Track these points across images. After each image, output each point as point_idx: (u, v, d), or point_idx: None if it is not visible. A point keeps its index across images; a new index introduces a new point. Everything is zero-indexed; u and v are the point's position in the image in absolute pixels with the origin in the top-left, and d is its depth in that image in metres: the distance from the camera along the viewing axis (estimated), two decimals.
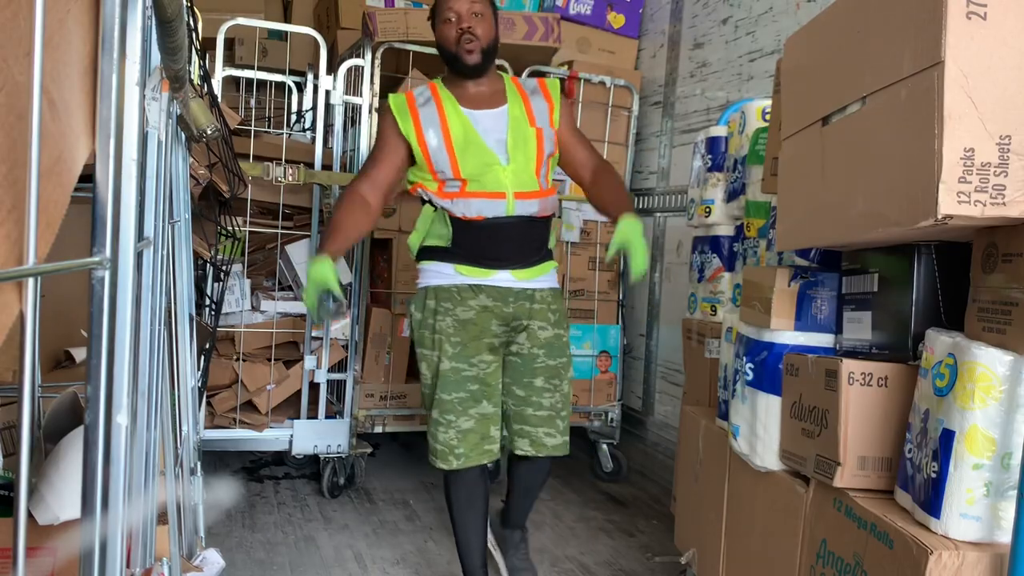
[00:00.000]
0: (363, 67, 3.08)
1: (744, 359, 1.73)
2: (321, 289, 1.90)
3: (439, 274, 2.11)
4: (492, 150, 2.07)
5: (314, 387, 3.08)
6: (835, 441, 1.40)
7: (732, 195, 2.18)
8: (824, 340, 1.62)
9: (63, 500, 1.09)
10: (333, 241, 2.01)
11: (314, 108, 3.31)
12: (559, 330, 2.17)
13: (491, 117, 2.10)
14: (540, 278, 2.14)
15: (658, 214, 3.70)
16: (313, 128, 3.33)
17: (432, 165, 2.07)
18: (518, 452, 2.16)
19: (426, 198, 2.13)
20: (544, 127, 2.13)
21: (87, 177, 0.64)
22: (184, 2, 1.02)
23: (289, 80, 3.51)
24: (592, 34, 3.75)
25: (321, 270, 1.91)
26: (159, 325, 1.19)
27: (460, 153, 2.06)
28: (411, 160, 2.13)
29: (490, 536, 2.29)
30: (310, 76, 3.49)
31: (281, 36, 3.77)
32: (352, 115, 3.19)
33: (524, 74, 3.30)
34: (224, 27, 2.96)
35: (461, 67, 2.09)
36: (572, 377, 2.22)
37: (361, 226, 2.12)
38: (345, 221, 2.05)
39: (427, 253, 2.14)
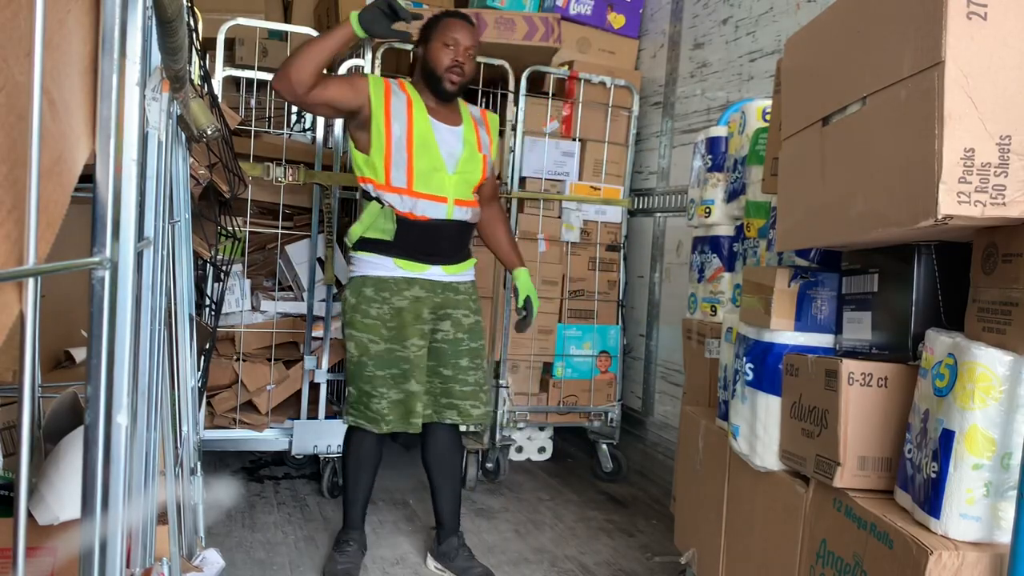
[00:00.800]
0: (363, 67, 3.08)
1: (744, 359, 1.73)
2: None
3: (378, 265, 2.35)
4: (443, 158, 2.33)
5: (314, 387, 3.08)
6: (835, 441, 1.40)
7: (732, 195, 2.18)
8: (824, 340, 1.62)
9: (63, 500, 1.09)
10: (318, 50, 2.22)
11: None
12: (478, 317, 2.48)
13: (450, 132, 2.38)
14: (464, 272, 2.45)
15: (658, 214, 3.70)
16: (313, 128, 3.33)
17: (391, 152, 2.28)
18: (447, 422, 2.44)
19: (373, 194, 2.32)
20: (487, 155, 2.45)
21: (87, 177, 0.64)
22: (184, 2, 1.02)
23: None
24: (592, 34, 3.75)
25: None
26: (159, 325, 1.19)
27: (417, 150, 2.29)
28: (354, 121, 2.32)
29: (432, 562, 2.53)
30: None
31: (281, 36, 3.77)
32: None
33: (524, 75, 3.30)
34: (224, 27, 2.96)
35: (439, 89, 2.34)
36: (485, 357, 2.55)
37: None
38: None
39: (367, 244, 2.35)
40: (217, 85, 2.95)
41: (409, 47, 3.11)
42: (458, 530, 2.53)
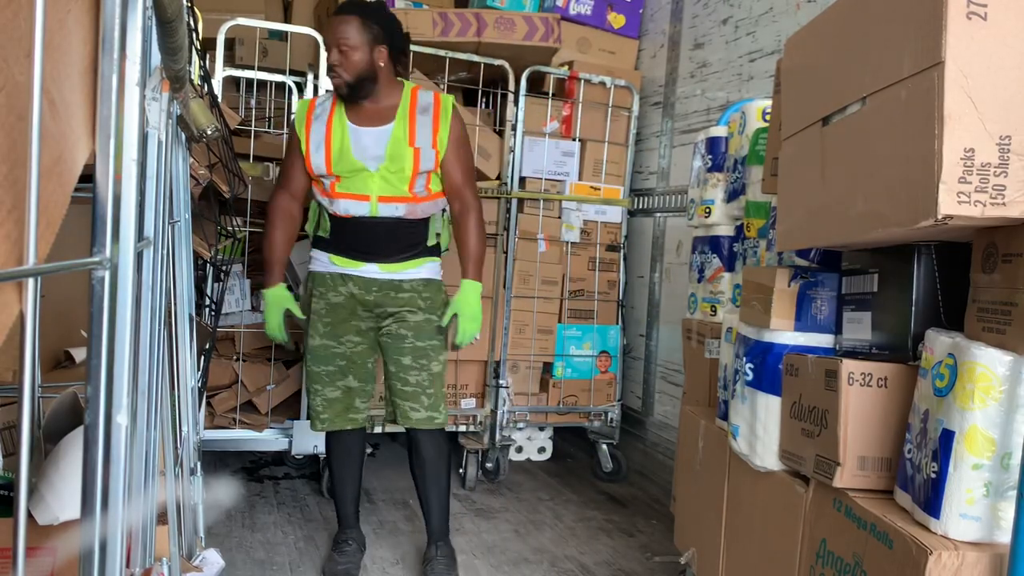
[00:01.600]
0: None
1: (744, 359, 1.73)
2: (282, 309, 2.36)
3: (319, 262, 2.38)
4: (358, 160, 2.28)
5: None
6: (835, 441, 1.40)
7: (732, 195, 2.18)
8: (824, 340, 1.62)
9: (63, 500, 1.09)
10: (275, 270, 2.40)
11: None
12: (431, 315, 2.37)
13: (373, 135, 2.29)
14: (407, 271, 2.35)
15: (658, 214, 3.70)
16: None
17: (311, 164, 2.31)
18: (398, 422, 2.42)
19: (316, 196, 2.39)
20: (424, 147, 2.29)
21: (87, 177, 0.64)
22: (184, 2, 1.02)
23: (289, 80, 3.51)
24: (592, 34, 3.75)
25: (277, 293, 2.37)
26: (159, 325, 1.19)
27: (334, 156, 2.28)
28: None
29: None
30: (310, 76, 3.49)
31: (281, 36, 3.77)
32: None
33: (524, 75, 3.30)
34: (224, 27, 2.96)
35: (337, 91, 2.30)
36: (444, 360, 2.41)
37: (292, 238, 2.46)
38: (279, 243, 2.41)
39: (316, 242, 2.41)
40: (217, 85, 2.95)
41: (409, 48, 3.10)
42: (442, 538, 2.44)
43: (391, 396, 2.40)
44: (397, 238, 2.32)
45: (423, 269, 2.36)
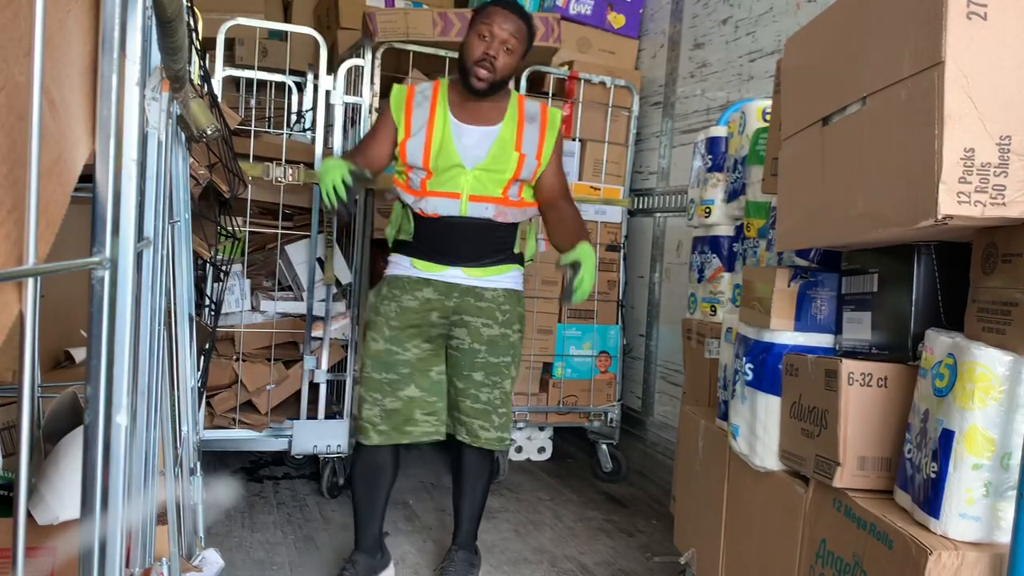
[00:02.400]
0: (363, 67, 3.08)
1: (744, 359, 1.73)
2: (341, 167, 2.01)
3: (399, 266, 2.26)
4: (459, 156, 2.19)
5: (314, 387, 3.08)
6: (835, 441, 1.40)
7: (732, 195, 2.18)
8: (824, 340, 1.62)
9: (63, 500, 1.09)
10: (355, 156, 2.20)
11: (314, 108, 3.30)
12: (506, 330, 2.26)
13: (477, 134, 2.21)
14: (493, 277, 2.24)
15: (658, 214, 3.70)
16: (313, 128, 3.33)
17: (406, 155, 2.19)
18: (458, 438, 2.29)
19: (397, 194, 2.26)
20: (529, 155, 2.23)
21: (87, 177, 0.64)
22: (184, 2, 1.02)
23: (289, 80, 3.51)
24: (592, 34, 3.75)
25: (336, 162, 2.05)
26: (159, 325, 1.19)
27: (434, 153, 2.19)
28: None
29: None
30: (310, 76, 3.49)
31: (281, 36, 3.77)
32: (352, 115, 3.19)
33: (524, 75, 3.30)
34: (224, 27, 2.95)
35: (467, 84, 2.17)
36: (516, 378, 2.33)
37: (375, 166, 2.25)
38: (349, 153, 2.26)
39: (397, 246, 2.29)
40: (217, 85, 2.95)
41: (409, 47, 3.11)
42: (466, 546, 2.40)
43: (456, 412, 2.27)
44: (484, 241, 2.21)
45: (507, 277, 2.26)
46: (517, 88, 3.31)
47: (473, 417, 2.25)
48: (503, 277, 2.26)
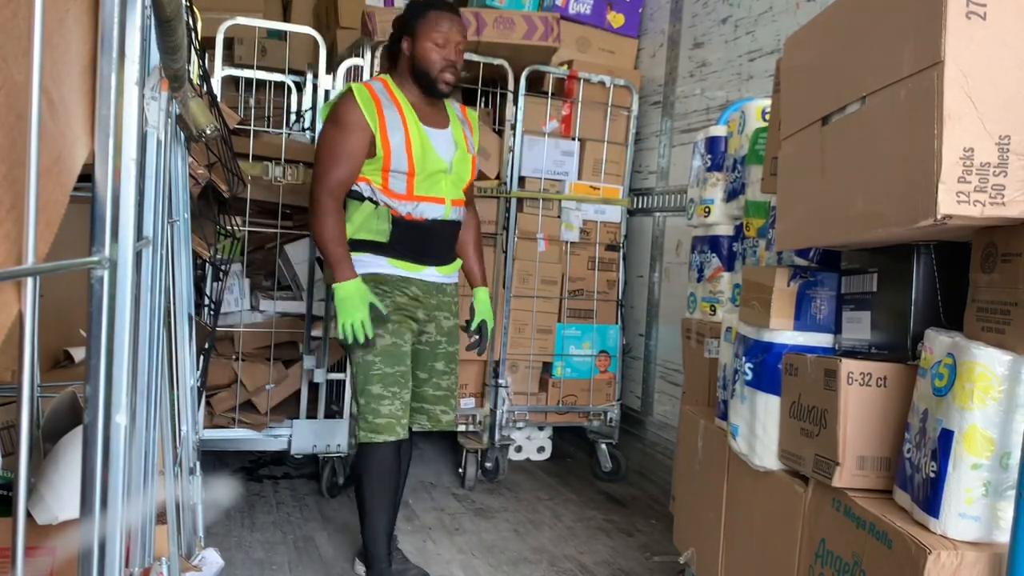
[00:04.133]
0: (362, 67, 3.08)
1: (743, 359, 1.73)
2: (367, 302, 2.14)
3: (372, 264, 2.26)
4: (443, 160, 2.27)
5: (313, 387, 3.08)
6: (834, 441, 1.40)
7: (731, 195, 2.18)
8: (823, 340, 1.62)
9: (62, 500, 1.09)
10: (347, 261, 2.18)
11: (313, 108, 3.31)
12: (457, 320, 2.43)
13: (442, 136, 2.30)
14: (453, 274, 2.40)
15: (657, 214, 3.70)
16: (312, 128, 3.33)
17: (390, 160, 2.20)
18: (414, 427, 2.35)
19: (366, 194, 2.24)
20: (474, 155, 2.40)
21: (86, 176, 0.64)
22: (183, 1, 1.02)
23: (288, 80, 3.51)
24: (592, 33, 3.75)
25: (359, 286, 2.16)
26: (158, 325, 1.19)
27: (419, 157, 2.23)
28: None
29: (360, 567, 2.42)
30: (309, 76, 3.49)
31: (280, 35, 3.77)
32: None
33: (523, 74, 3.30)
34: (223, 26, 2.95)
35: (433, 91, 2.27)
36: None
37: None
38: (342, 234, 2.21)
39: (357, 246, 2.24)
40: (216, 84, 2.95)
41: None
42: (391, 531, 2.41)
43: (417, 402, 2.34)
44: (453, 241, 2.38)
45: (457, 272, 2.43)
46: (516, 88, 3.31)
47: (435, 403, 2.37)
48: (456, 273, 2.42)
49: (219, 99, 2.58)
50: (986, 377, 1.14)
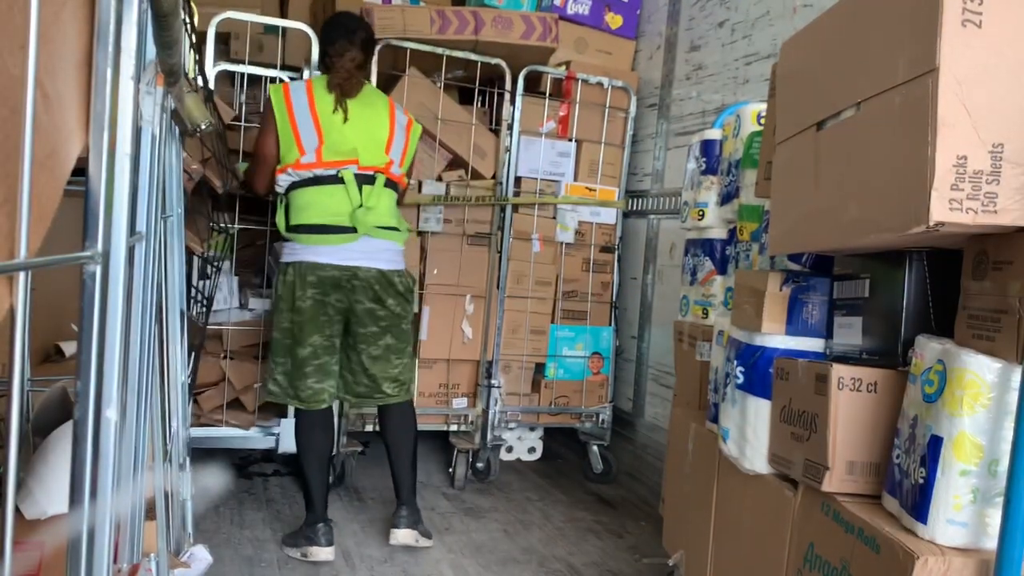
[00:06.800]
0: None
1: (735, 362, 1.74)
2: None
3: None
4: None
5: None
6: (824, 445, 1.40)
7: (726, 198, 2.18)
8: (815, 345, 1.63)
9: (51, 494, 1.08)
10: None
11: None
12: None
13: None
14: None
15: (652, 216, 3.70)
16: None
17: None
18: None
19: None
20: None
21: (80, 170, 0.64)
22: None
23: (284, 76, 3.49)
24: (589, 34, 3.75)
25: None
26: (150, 320, 1.18)
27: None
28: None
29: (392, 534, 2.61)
30: (305, 72, 3.48)
31: (276, 31, 3.75)
32: None
33: (521, 74, 3.30)
34: (215, 20, 2.94)
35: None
36: None
37: None
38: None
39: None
40: (210, 79, 2.93)
41: (406, 44, 3.10)
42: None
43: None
44: None
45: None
46: (515, 88, 3.31)
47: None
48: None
49: (214, 94, 2.57)
50: (976, 384, 1.15)
